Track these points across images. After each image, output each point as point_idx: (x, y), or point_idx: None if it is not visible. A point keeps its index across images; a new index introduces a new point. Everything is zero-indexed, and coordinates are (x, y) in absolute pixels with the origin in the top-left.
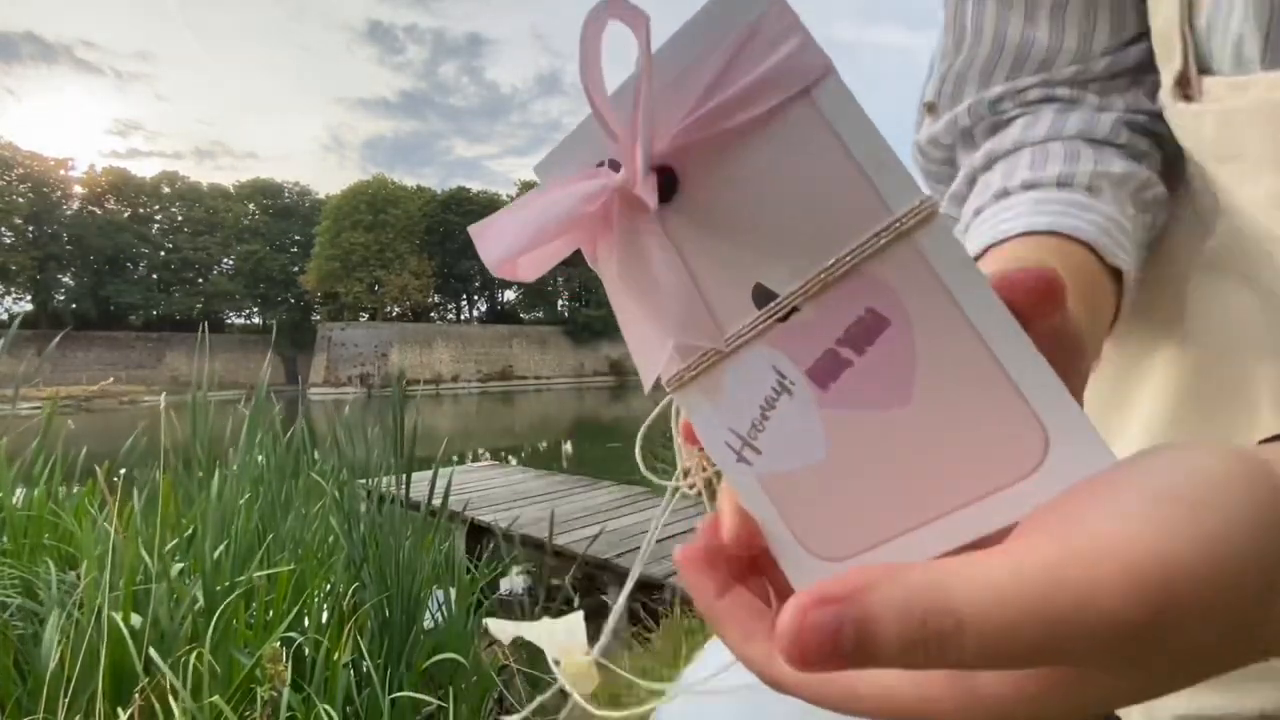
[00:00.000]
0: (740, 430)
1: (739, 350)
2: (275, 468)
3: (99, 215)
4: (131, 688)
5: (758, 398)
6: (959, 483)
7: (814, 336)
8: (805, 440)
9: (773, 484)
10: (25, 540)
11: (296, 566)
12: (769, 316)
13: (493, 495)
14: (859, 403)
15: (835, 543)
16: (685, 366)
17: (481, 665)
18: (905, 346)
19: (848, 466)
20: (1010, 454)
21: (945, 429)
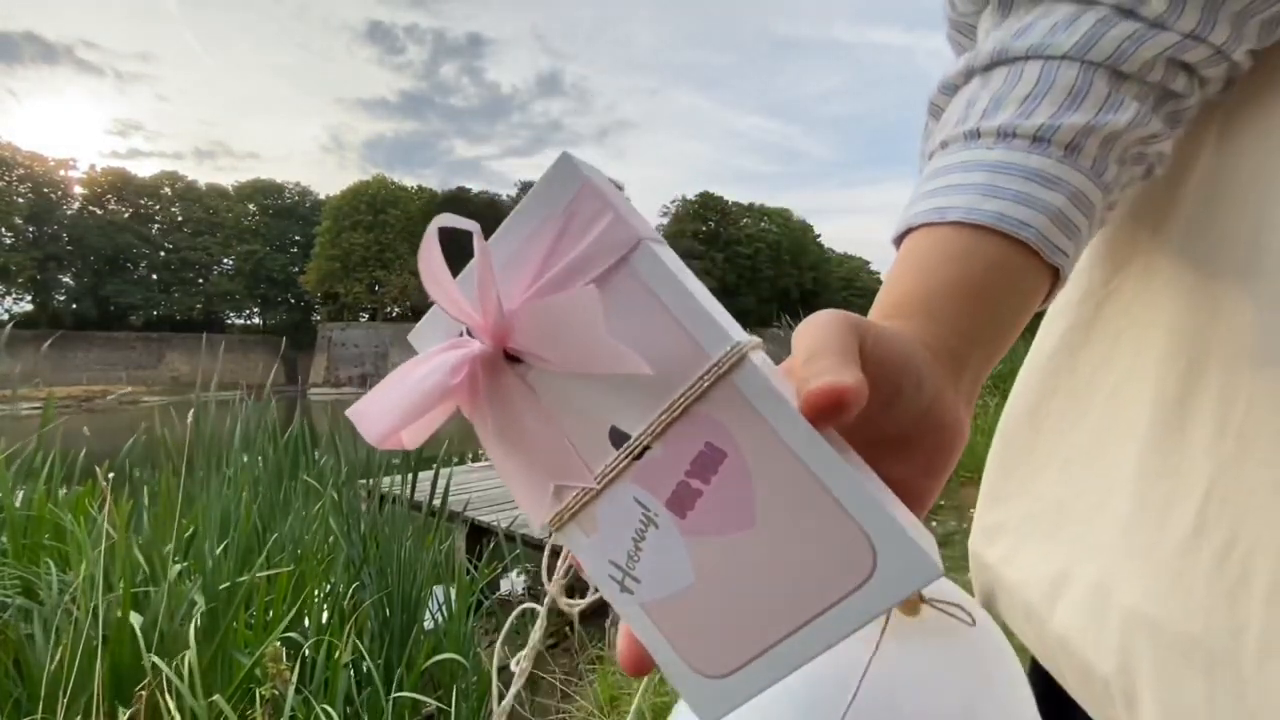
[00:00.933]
0: (619, 562)
1: (607, 488)
2: (275, 468)
3: (99, 215)
4: (131, 688)
5: (629, 530)
6: (807, 596)
7: (667, 471)
8: (675, 567)
9: (655, 611)
10: (25, 540)
11: (296, 567)
12: (626, 456)
13: (493, 495)
14: (712, 528)
15: (715, 660)
16: (563, 507)
17: (481, 665)
18: (742, 474)
19: (714, 589)
20: (845, 565)
21: (787, 547)
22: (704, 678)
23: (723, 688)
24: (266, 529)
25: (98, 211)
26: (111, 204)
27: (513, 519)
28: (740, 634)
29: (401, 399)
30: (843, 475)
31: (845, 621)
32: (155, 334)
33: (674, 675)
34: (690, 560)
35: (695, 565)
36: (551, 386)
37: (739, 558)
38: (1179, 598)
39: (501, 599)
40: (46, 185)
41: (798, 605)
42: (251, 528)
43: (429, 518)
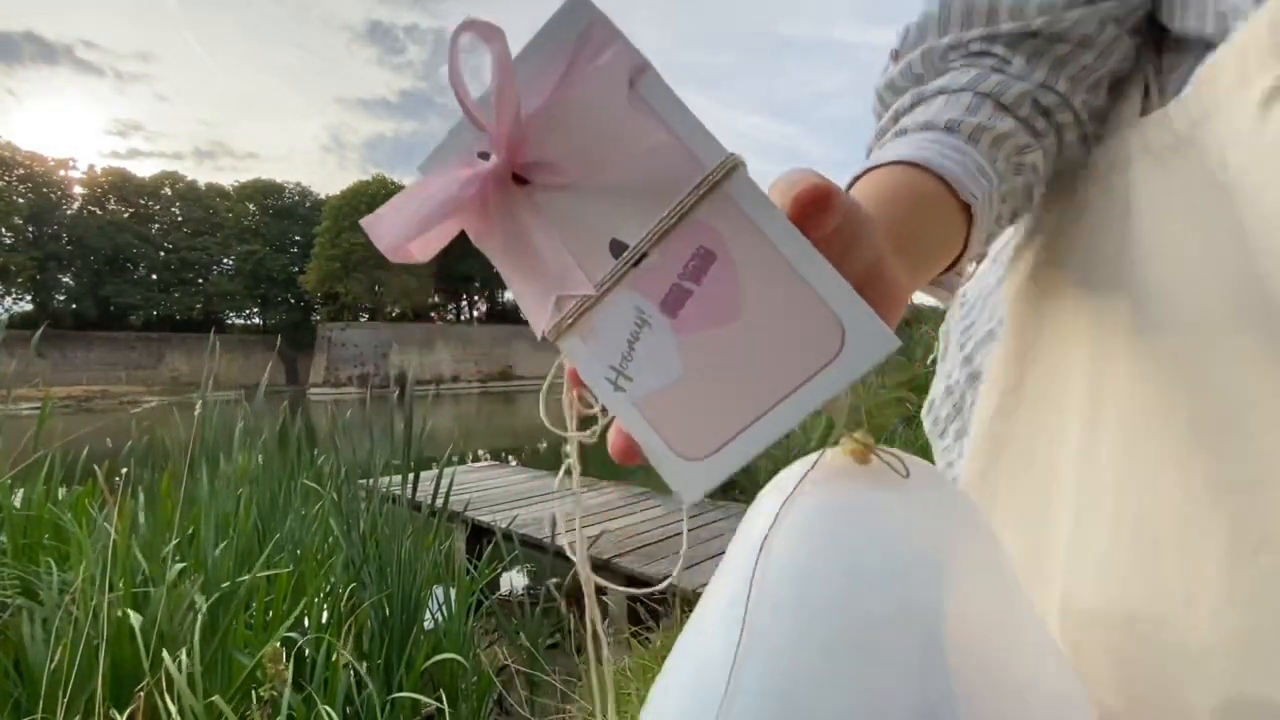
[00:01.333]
0: (614, 364)
1: (605, 296)
2: (275, 468)
3: (99, 215)
4: (131, 688)
5: (624, 334)
6: (782, 377)
7: (662, 275)
8: (665, 362)
9: (645, 405)
10: (25, 540)
11: (296, 567)
12: (625, 264)
13: (493, 495)
14: (701, 324)
15: (697, 444)
16: (562, 316)
17: (481, 665)
18: (729, 274)
19: (699, 380)
20: (817, 347)
21: (766, 335)
22: (687, 461)
23: (704, 468)
24: (266, 529)
25: (98, 211)
26: (111, 204)
27: (512, 519)
28: (720, 419)
29: (414, 211)
30: (818, 267)
31: (814, 396)
32: (155, 334)
33: (660, 461)
34: (679, 356)
35: (683, 360)
36: (556, 205)
37: (723, 349)
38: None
39: (501, 599)
40: (46, 185)
41: (773, 386)
42: (251, 528)
43: (429, 518)
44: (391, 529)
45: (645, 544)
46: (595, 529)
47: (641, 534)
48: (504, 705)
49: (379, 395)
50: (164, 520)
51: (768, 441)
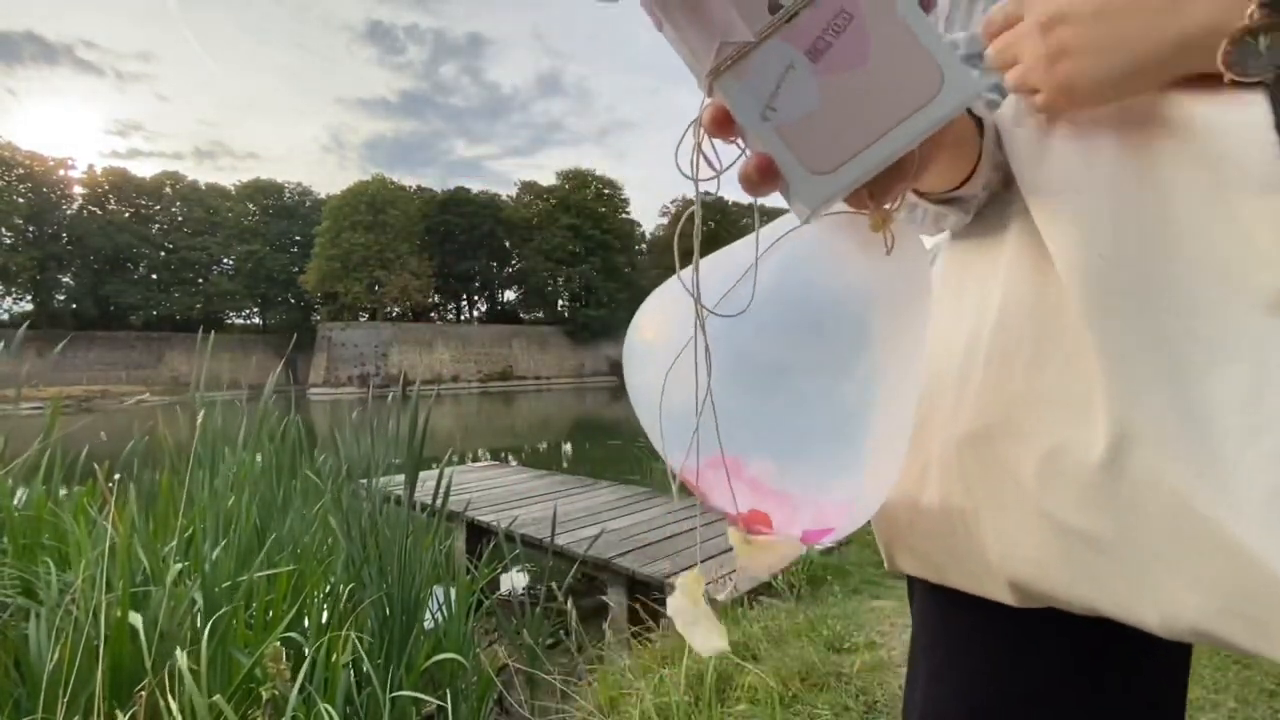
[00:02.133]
0: (763, 98)
1: (761, 44)
2: (275, 468)
3: (99, 215)
4: (131, 687)
5: (774, 75)
6: (894, 109)
7: (810, 29)
8: (806, 97)
9: (785, 130)
10: (25, 540)
11: (296, 567)
12: (781, 19)
13: (493, 495)
14: (839, 67)
15: (823, 160)
16: (720, 60)
17: (481, 665)
18: (862, 30)
19: (832, 109)
20: (921, 87)
21: (884, 77)
22: (813, 174)
23: (825, 180)
24: (266, 529)
25: (97, 211)
26: (111, 204)
27: (513, 519)
28: (844, 141)
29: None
30: (928, 28)
31: (918, 125)
32: (155, 334)
33: (790, 172)
34: (818, 92)
35: (820, 95)
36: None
37: (852, 86)
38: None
39: (501, 599)
40: (46, 185)
41: (887, 116)
42: (251, 528)
43: (429, 518)
44: (391, 529)
45: (645, 544)
46: (595, 529)
47: (642, 534)
48: (504, 705)
49: (379, 395)
50: (164, 520)
51: (878, 161)
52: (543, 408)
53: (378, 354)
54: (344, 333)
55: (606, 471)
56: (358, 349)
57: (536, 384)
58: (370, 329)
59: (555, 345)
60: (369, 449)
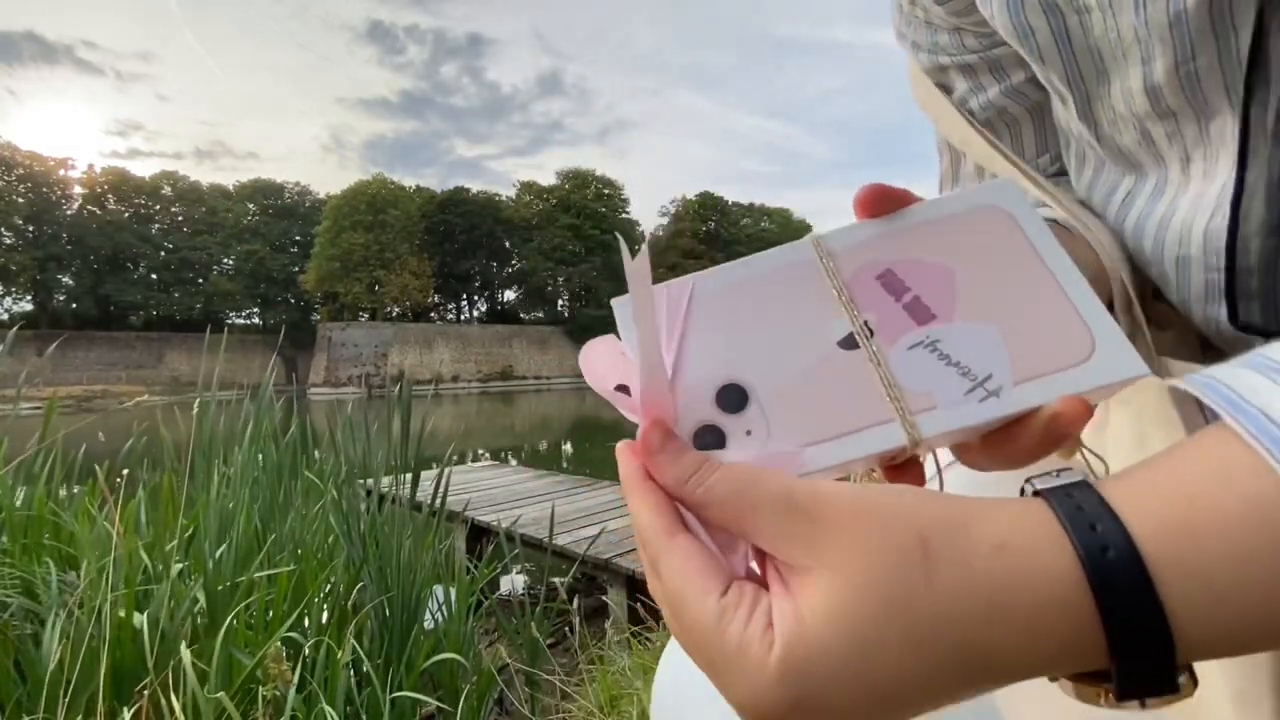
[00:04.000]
0: (966, 388)
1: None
2: (275, 468)
3: (99, 215)
4: (132, 688)
5: (939, 366)
6: (1024, 270)
7: (891, 316)
8: (982, 338)
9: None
10: (25, 540)
11: (296, 567)
12: (867, 334)
13: (493, 495)
14: (949, 297)
15: (1077, 343)
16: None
17: (481, 665)
18: (908, 261)
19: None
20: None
21: (979, 252)
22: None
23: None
24: (266, 529)
25: (97, 211)
26: (111, 204)
27: (513, 519)
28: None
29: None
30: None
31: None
32: (155, 334)
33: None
34: (977, 324)
35: (981, 321)
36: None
37: (978, 288)
38: None
39: (502, 599)
40: (46, 185)
41: (1037, 276)
42: (251, 527)
43: (429, 518)
44: (391, 529)
45: None
46: (595, 529)
47: None
48: (504, 704)
49: (379, 395)
50: (165, 520)
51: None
52: (543, 408)
53: (378, 354)
54: (344, 333)
55: (606, 471)
56: (358, 349)
57: (536, 384)
58: (370, 329)
59: (555, 345)
60: (369, 449)
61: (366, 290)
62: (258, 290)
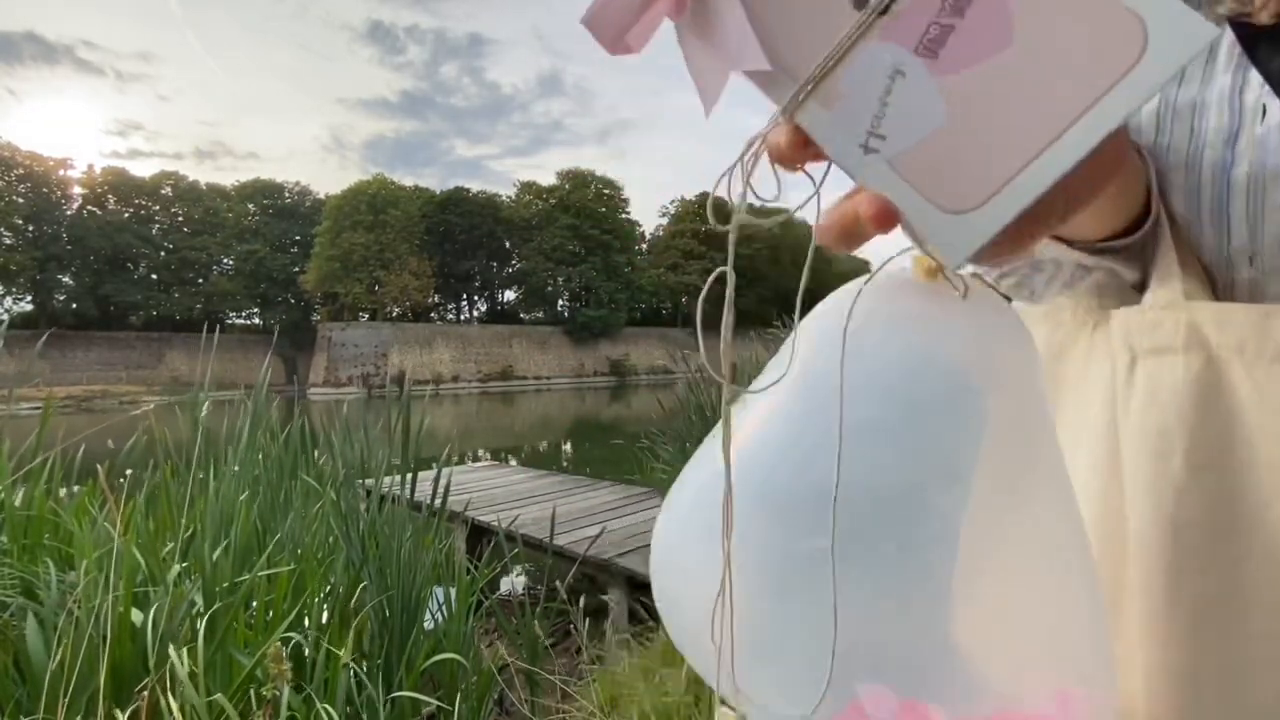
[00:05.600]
0: (863, 124)
1: (849, 54)
2: (275, 468)
3: (99, 215)
4: (132, 687)
5: (875, 90)
6: (1071, 97)
7: (915, 18)
8: (925, 110)
9: (902, 161)
10: (25, 540)
11: (296, 567)
12: (872, 13)
13: (493, 495)
14: (968, 59)
15: (966, 193)
16: (798, 89)
17: (481, 664)
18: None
19: (968, 121)
20: (1111, 52)
21: (1047, 53)
22: (953, 214)
23: (975, 219)
24: (266, 529)
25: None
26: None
27: (513, 519)
28: (995, 159)
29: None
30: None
31: (1114, 110)
32: (155, 334)
33: (921, 218)
34: (942, 99)
35: (948, 102)
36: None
37: (995, 81)
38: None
39: (501, 599)
40: (46, 185)
41: (1059, 111)
42: (251, 528)
43: (429, 518)
44: (391, 529)
45: (645, 544)
46: (595, 529)
47: (642, 534)
48: (504, 704)
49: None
50: (164, 520)
51: (1055, 175)
52: (543, 408)
53: (378, 354)
54: (344, 333)
55: (607, 471)
56: (358, 349)
57: (536, 384)
58: (370, 329)
59: (555, 345)
60: (368, 449)
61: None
62: (258, 290)
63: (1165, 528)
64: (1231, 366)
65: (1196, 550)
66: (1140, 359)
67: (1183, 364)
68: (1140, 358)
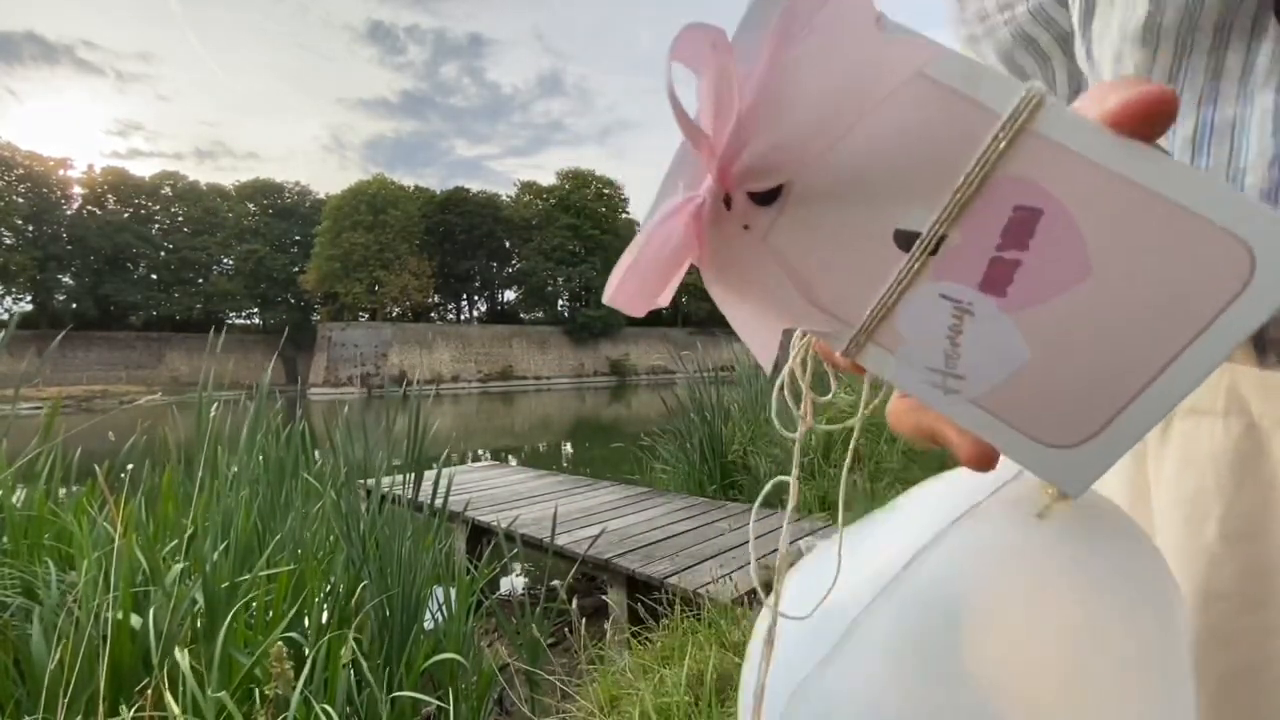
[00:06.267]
0: (936, 366)
1: (903, 296)
2: (275, 468)
3: (99, 215)
4: (132, 687)
5: (940, 330)
6: (1175, 325)
7: (972, 254)
8: (1004, 350)
9: (989, 400)
10: (25, 540)
11: (296, 566)
12: (921, 252)
13: (493, 495)
14: (1042, 294)
15: (1070, 430)
16: (857, 330)
17: (481, 665)
18: (1066, 224)
19: (1054, 357)
20: (1215, 277)
21: (1134, 283)
22: (1060, 450)
23: (1083, 455)
24: (266, 529)
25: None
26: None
27: (513, 519)
28: (1095, 393)
29: (647, 277)
30: (1189, 178)
31: (1222, 342)
32: (155, 334)
33: (1025, 455)
34: (1021, 337)
35: (1029, 340)
36: (815, 213)
37: (1078, 314)
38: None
39: (501, 599)
40: (46, 185)
41: (1165, 339)
42: (251, 527)
43: (429, 518)
44: (391, 529)
45: (645, 544)
46: (595, 529)
47: (641, 534)
48: (504, 704)
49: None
50: (164, 520)
51: (1164, 412)
52: (543, 408)
53: (378, 354)
54: (344, 333)
55: (607, 471)
56: (358, 349)
57: (536, 384)
58: (370, 329)
59: (555, 345)
60: (369, 449)
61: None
62: (258, 290)
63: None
64: (1273, 437)
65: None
66: (1176, 417)
67: (1222, 427)
68: (1177, 416)
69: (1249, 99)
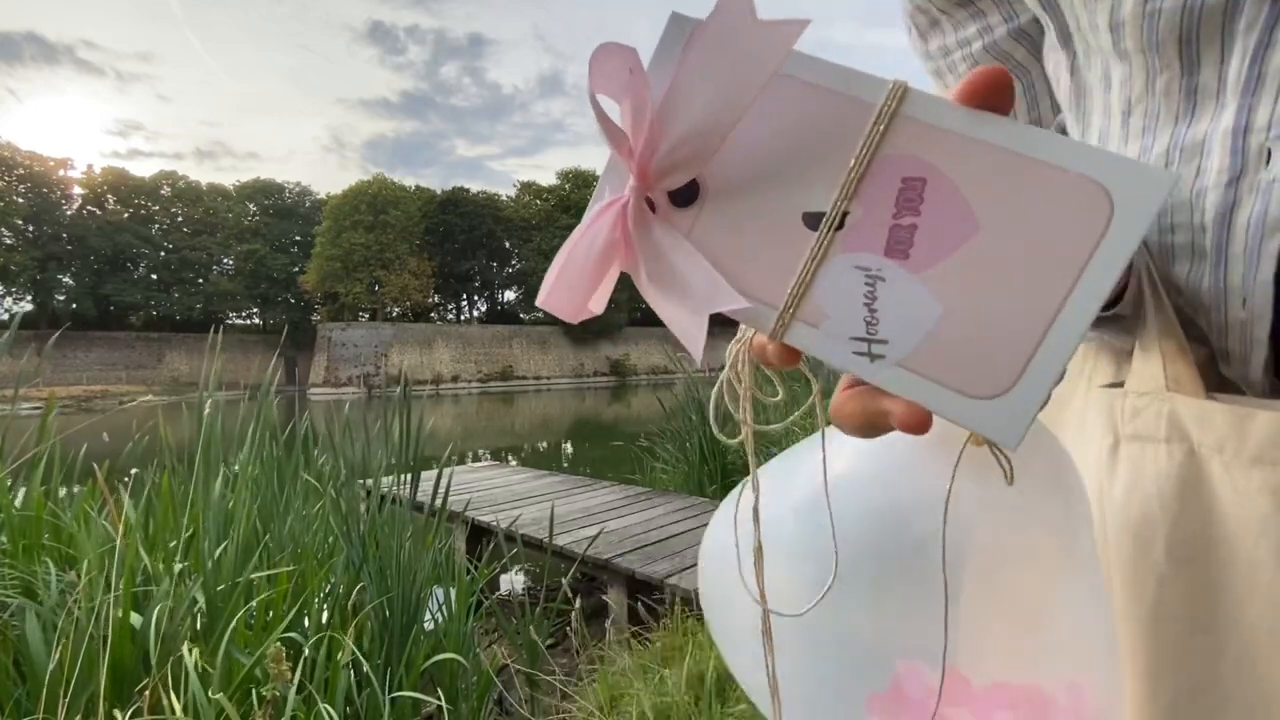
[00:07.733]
0: (859, 334)
1: (818, 274)
2: (275, 468)
3: (99, 215)
4: (132, 687)
5: (857, 298)
6: (1060, 266)
7: (873, 225)
8: (918, 309)
9: (914, 361)
10: (25, 540)
11: (296, 567)
12: (828, 229)
13: (493, 495)
14: (941, 251)
15: (994, 379)
16: (781, 310)
17: (481, 665)
18: (948, 187)
19: (964, 309)
20: (1083, 220)
21: (1018, 232)
22: (989, 401)
23: (1011, 402)
24: (266, 529)
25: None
26: (111, 204)
27: (513, 519)
28: (1008, 341)
29: (576, 279)
30: (1043, 140)
31: (1105, 272)
32: (155, 334)
33: (956, 413)
34: (930, 295)
35: (938, 296)
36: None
37: (977, 266)
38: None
39: (501, 599)
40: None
41: (1055, 280)
42: (251, 528)
43: (429, 518)
44: (391, 529)
45: (645, 544)
46: (595, 529)
47: (642, 534)
48: (504, 705)
49: (379, 395)
50: (164, 520)
51: (1068, 349)
52: (543, 408)
53: (378, 354)
54: (344, 333)
55: (606, 471)
56: (358, 349)
57: (536, 384)
58: (370, 329)
59: (555, 345)
60: (368, 449)
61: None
62: (258, 290)
63: (1146, 618)
64: (1212, 464)
65: (1176, 643)
66: (1123, 443)
67: (1165, 453)
68: (1123, 442)
69: (1216, 116)
